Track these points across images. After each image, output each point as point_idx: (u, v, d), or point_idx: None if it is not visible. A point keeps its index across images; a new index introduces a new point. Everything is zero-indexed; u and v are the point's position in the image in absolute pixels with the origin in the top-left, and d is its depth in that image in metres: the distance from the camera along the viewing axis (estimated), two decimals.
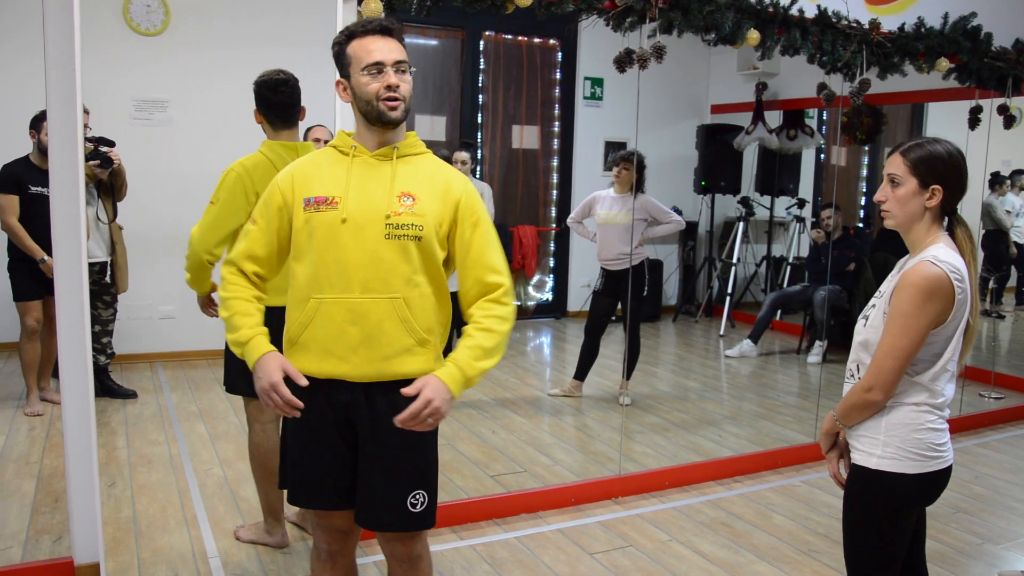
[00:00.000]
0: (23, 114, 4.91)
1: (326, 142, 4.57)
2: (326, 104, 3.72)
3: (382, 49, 2.16)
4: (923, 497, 2.23)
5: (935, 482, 2.21)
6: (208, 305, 3.39)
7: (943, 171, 2.16)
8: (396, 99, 2.16)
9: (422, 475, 2.30)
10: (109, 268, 5.14)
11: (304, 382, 2.14)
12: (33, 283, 4.87)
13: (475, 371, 2.17)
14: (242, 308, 2.22)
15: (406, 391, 2.11)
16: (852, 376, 2.30)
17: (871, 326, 2.22)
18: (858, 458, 2.26)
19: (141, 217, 5.89)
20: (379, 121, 2.19)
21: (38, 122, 4.79)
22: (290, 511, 3.67)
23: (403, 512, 2.26)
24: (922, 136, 2.25)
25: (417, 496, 2.27)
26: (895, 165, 2.20)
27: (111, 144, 4.94)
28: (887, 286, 2.26)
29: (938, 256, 2.12)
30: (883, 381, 2.14)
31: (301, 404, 2.13)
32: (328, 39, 2.30)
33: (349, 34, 2.20)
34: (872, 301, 2.29)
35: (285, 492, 3.36)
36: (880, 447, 2.20)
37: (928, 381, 2.18)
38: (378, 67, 2.15)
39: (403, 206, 2.17)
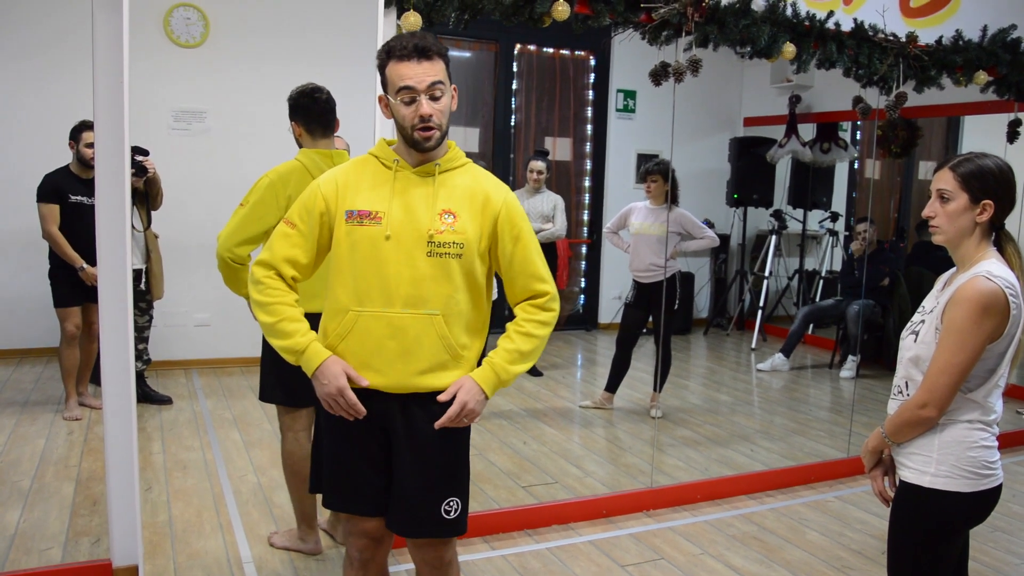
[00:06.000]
0: (63, 125, 5.01)
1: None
2: (364, 117, 3.76)
3: (417, 74, 2.13)
4: (975, 516, 2.20)
5: (987, 500, 2.18)
6: None
7: (994, 186, 2.15)
8: (430, 128, 2.16)
9: (456, 482, 2.33)
10: (144, 275, 5.22)
11: (367, 383, 2.21)
12: (73, 290, 4.96)
13: (509, 375, 2.26)
14: (288, 313, 2.22)
15: (442, 397, 2.22)
16: (900, 392, 2.27)
17: (922, 342, 2.19)
18: (909, 476, 2.22)
19: (178, 225, 5.97)
20: (414, 147, 2.21)
21: (78, 132, 4.89)
22: (322, 518, 3.70)
23: (438, 519, 2.29)
24: (970, 151, 2.23)
25: (451, 503, 2.30)
26: (945, 180, 2.19)
27: (145, 153, 5.03)
28: (934, 302, 2.24)
29: (992, 271, 2.10)
30: (938, 398, 2.11)
31: (364, 410, 2.20)
32: (368, 53, 2.32)
33: (388, 51, 2.18)
34: (920, 317, 2.27)
35: (318, 499, 3.41)
36: (934, 465, 2.16)
37: (982, 398, 2.16)
38: (411, 94, 2.14)
39: (444, 224, 2.19)
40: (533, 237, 2.31)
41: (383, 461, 2.31)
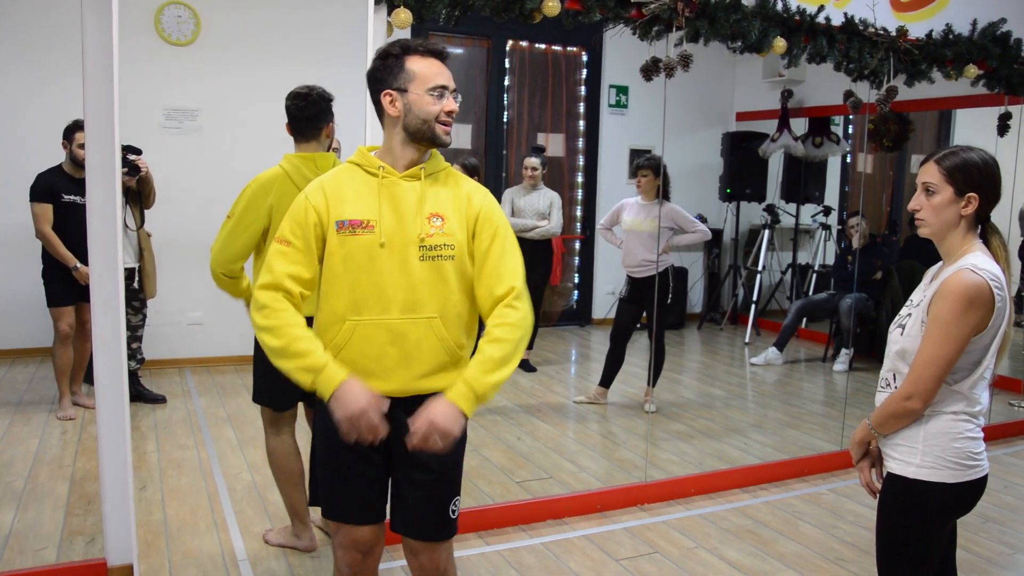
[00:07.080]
0: (56, 124, 5.00)
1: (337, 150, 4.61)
2: (352, 115, 3.76)
3: (446, 74, 2.21)
4: (960, 506, 2.22)
5: (972, 491, 2.19)
6: None
7: (979, 179, 2.16)
8: (450, 124, 2.21)
9: (457, 483, 2.35)
10: (137, 274, 5.21)
11: (386, 407, 2.12)
12: (66, 289, 4.95)
13: (485, 386, 2.14)
14: (299, 333, 2.13)
15: (411, 420, 2.12)
16: (888, 385, 2.28)
17: (908, 335, 2.21)
18: (895, 467, 2.23)
19: (170, 224, 5.97)
20: (430, 142, 2.21)
21: (71, 132, 4.88)
22: (316, 515, 3.70)
23: (445, 521, 2.31)
24: (955, 144, 2.24)
25: (455, 503, 2.33)
26: (930, 173, 2.20)
27: (138, 152, 5.02)
28: (921, 295, 2.25)
29: (977, 264, 2.11)
30: (923, 390, 2.13)
31: (385, 431, 2.11)
32: (358, 50, 2.32)
33: (406, 48, 2.19)
34: (907, 310, 2.28)
35: (307, 494, 3.42)
36: (919, 456, 2.18)
37: (967, 390, 2.17)
38: (443, 91, 2.19)
39: (434, 227, 2.19)
40: (510, 235, 2.28)
41: (383, 466, 2.31)
